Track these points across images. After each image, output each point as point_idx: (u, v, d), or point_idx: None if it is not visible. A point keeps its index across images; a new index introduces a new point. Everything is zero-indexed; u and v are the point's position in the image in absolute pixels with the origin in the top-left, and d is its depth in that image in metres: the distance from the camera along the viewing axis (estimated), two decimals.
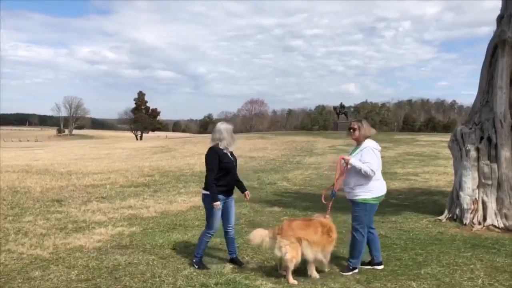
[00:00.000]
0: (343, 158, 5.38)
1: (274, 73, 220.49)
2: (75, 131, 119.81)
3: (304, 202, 10.50)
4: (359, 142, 5.51)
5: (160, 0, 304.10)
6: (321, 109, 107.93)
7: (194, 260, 5.60)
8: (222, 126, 5.58)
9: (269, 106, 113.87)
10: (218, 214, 5.51)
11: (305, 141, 35.41)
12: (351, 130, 5.51)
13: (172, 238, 7.13)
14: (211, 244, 6.57)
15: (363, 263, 5.67)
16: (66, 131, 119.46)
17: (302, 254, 5.12)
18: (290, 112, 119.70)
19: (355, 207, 5.40)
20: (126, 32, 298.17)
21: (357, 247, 5.42)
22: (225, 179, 5.46)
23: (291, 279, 5.07)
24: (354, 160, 5.30)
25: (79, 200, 10.96)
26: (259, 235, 5.22)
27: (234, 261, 5.76)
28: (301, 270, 5.27)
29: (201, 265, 5.57)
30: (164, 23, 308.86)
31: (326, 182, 14.36)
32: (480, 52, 8.67)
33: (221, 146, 5.47)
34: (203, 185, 5.59)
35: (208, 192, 5.43)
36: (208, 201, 5.44)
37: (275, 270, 5.44)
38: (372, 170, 5.27)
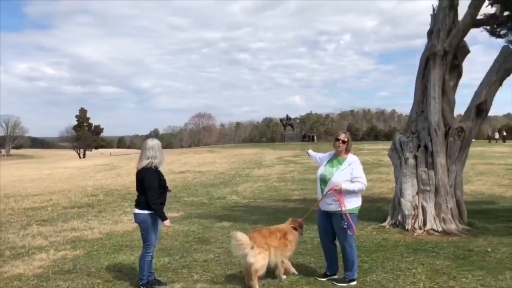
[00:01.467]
0: (334, 189, 5.24)
1: (221, 86, 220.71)
2: (12, 151, 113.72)
3: (253, 215, 10.53)
4: (341, 154, 5.50)
5: (101, 15, 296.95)
6: (268, 121, 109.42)
7: (141, 283, 5.45)
8: (153, 143, 5.41)
9: (217, 120, 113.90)
10: (156, 232, 5.45)
11: (254, 154, 35.65)
12: (340, 142, 5.44)
13: (118, 259, 6.92)
14: (159, 264, 6.46)
15: (320, 275, 5.70)
16: (3, 151, 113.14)
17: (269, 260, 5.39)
18: (238, 125, 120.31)
19: (340, 219, 5.30)
20: (66, 47, 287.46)
21: (349, 259, 5.43)
22: (162, 197, 5.40)
23: (256, 285, 5.23)
24: (345, 185, 5.24)
25: (18, 224, 10.41)
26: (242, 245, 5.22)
27: (154, 282, 5.55)
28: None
29: (148, 287, 5.43)
30: (106, 37, 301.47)
31: (275, 194, 14.51)
32: (416, 63, 9.14)
33: (154, 164, 5.32)
34: (135, 204, 5.44)
35: (146, 212, 5.29)
36: (147, 220, 5.32)
37: (224, 286, 5.40)
38: (364, 184, 5.35)
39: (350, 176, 5.31)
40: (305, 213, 5.99)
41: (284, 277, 5.64)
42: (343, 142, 5.46)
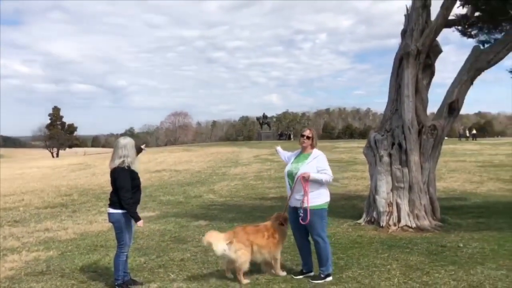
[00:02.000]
0: (303, 177, 5.31)
1: (198, 84, 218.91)
2: None
3: (230, 213, 10.52)
4: (306, 150, 5.59)
5: (75, 12, 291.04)
6: (245, 120, 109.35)
7: (117, 283, 5.37)
8: (125, 141, 5.33)
9: (193, 118, 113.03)
10: (130, 232, 5.39)
11: (230, 152, 35.57)
12: (305, 138, 5.54)
13: (93, 260, 6.81)
14: (135, 264, 6.38)
15: (297, 273, 5.72)
16: None
17: (253, 257, 5.49)
18: (214, 123, 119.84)
19: (310, 216, 5.32)
20: (39, 44, 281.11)
21: (323, 255, 5.47)
22: (135, 196, 5.32)
23: (244, 280, 5.38)
24: (314, 174, 5.32)
25: None
26: (215, 237, 5.41)
27: (129, 282, 5.49)
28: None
29: (124, 287, 5.36)
30: (80, 35, 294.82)
31: (252, 192, 14.52)
32: (390, 62, 9.27)
33: (126, 163, 5.25)
34: (109, 203, 5.37)
35: (120, 211, 5.22)
36: (121, 219, 5.25)
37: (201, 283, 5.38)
38: (331, 176, 5.43)
39: (316, 169, 5.39)
40: (282, 209, 6.00)
41: (284, 273, 5.70)
42: (308, 137, 5.57)
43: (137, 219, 5.23)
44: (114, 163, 5.25)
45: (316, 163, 5.43)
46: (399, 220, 8.30)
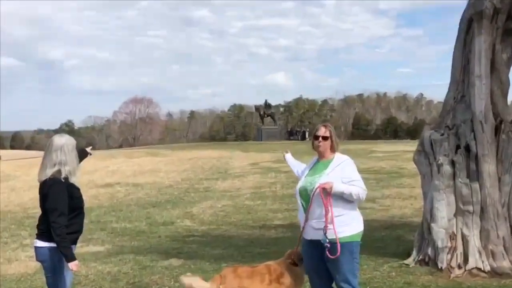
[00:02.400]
0: (323, 188, 5.21)
1: (169, 58, 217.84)
2: None
3: (215, 249, 10.52)
4: (325, 155, 5.56)
5: None
6: (238, 110, 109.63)
7: None
8: (62, 141, 5.28)
9: (162, 107, 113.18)
10: (67, 275, 5.35)
11: (217, 158, 35.61)
12: (320, 139, 5.49)
13: None
14: None
15: None
16: None
17: None
18: (193, 114, 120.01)
19: (336, 251, 5.20)
20: None
21: None
22: (76, 222, 5.31)
23: None
24: (337, 185, 5.23)
25: None
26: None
27: None
28: None
29: None
30: None
31: (248, 217, 14.51)
32: (454, 27, 9.27)
33: (64, 173, 5.23)
34: (36, 233, 5.32)
35: (52, 244, 5.16)
36: (53, 257, 5.21)
37: None
38: (365, 190, 5.36)
39: (341, 181, 5.31)
40: (294, 244, 5.98)
41: None
42: (324, 138, 5.50)
43: (70, 258, 5.17)
44: (46, 173, 5.22)
45: (341, 173, 5.37)
46: (466, 260, 8.30)
